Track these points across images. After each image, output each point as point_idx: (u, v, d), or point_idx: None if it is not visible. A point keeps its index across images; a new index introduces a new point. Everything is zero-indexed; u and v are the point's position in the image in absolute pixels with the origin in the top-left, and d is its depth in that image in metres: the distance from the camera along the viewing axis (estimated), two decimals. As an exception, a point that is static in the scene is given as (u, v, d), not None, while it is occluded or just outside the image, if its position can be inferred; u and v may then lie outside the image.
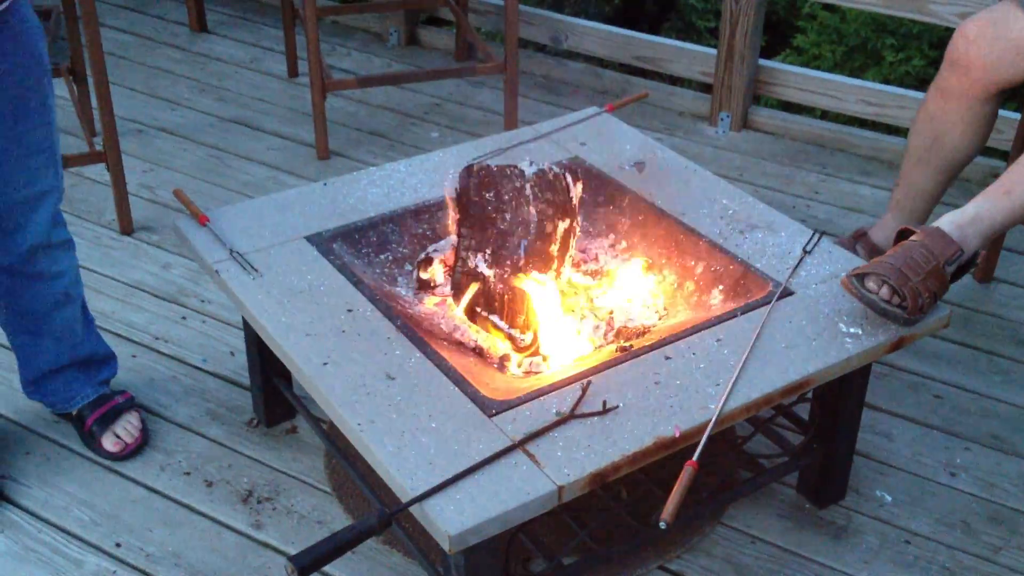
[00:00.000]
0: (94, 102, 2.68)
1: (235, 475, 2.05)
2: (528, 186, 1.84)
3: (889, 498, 2.03)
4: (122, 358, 2.31)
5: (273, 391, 2.10)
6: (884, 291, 1.69)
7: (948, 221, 1.81)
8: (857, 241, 2.43)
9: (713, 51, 3.27)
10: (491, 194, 1.84)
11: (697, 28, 5.01)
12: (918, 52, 4.38)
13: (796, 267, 1.85)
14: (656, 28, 4.80)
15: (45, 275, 1.94)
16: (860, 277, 1.71)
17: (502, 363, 1.81)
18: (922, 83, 4.19)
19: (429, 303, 1.92)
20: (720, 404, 1.56)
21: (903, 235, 1.82)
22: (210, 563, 1.87)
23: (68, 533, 1.93)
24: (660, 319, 1.91)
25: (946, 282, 1.74)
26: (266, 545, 1.91)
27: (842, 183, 3.04)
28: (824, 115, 3.54)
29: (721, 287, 1.89)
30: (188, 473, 2.05)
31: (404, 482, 1.43)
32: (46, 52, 1.82)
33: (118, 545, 1.90)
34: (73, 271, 2.01)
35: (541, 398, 1.58)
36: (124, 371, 2.27)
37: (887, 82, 3.91)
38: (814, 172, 3.09)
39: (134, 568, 1.86)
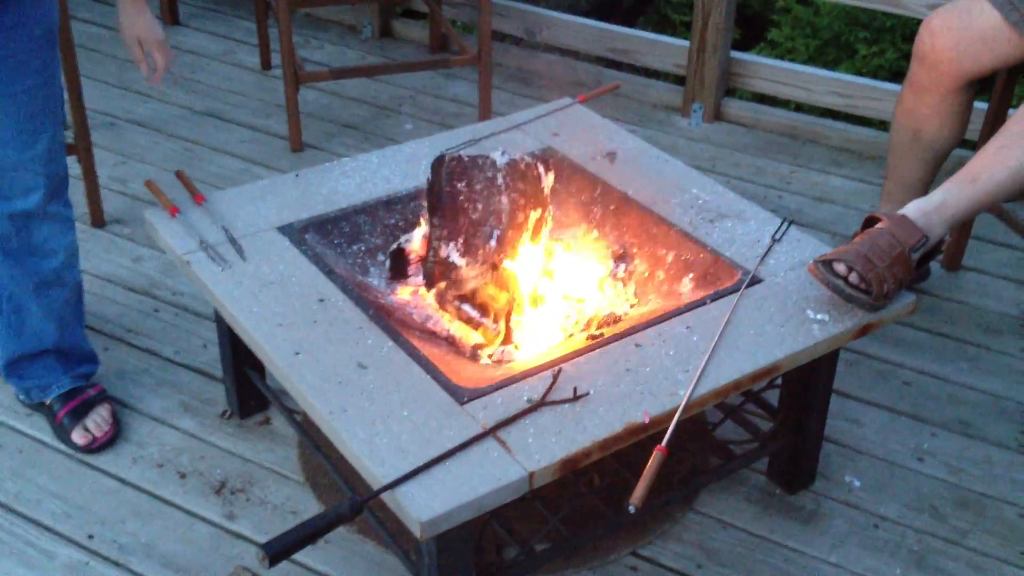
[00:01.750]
0: (64, 95, 2.67)
1: (208, 466, 2.05)
2: (500, 176, 1.85)
3: (858, 483, 2.05)
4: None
5: (246, 382, 2.10)
6: (851, 277, 1.71)
7: (914, 208, 1.84)
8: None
9: (686, 43, 3.29)
10: (463, 184, 1.85)
11: (672, 22, 5.04)
12: (891, 45, 4.43)
13: (765, 255, 1.87)
14: (631, 22, 4.82)
15: (37, 250, 1.93)
16: (827, 263, 1.73)
17: (474, 352, 1.81)
18: (895, 76, 4.23)
19: (402, 293, 1.93)
20: (689, 390, 1.57)
21: (870, 222, 1.85)
22: (183, 554, 1.87)
23: (40, 525, 1.92)
24: (631, 307, 1.92)
25: (911, 269, 1.77)
26: (239, 536, 1.91)
27: (813, 174, 3.07)
28: (798, 108, 3.56)
29: (691, 275, 1.90)
30: (161, 465, 2.05)
31: (376, 470, 1.44)
32: (57, 20, 1.84)
33: (91, 537, 1.90)
34: (68, 253, 1.99)
35: (512, 386, 1.59)
36: (96, 364, 2.27)
37: (860, 75, 3.94)
38: (786, 163, 3.12)
39: (106, 559, 1.86)
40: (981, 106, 2.48)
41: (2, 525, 1.92)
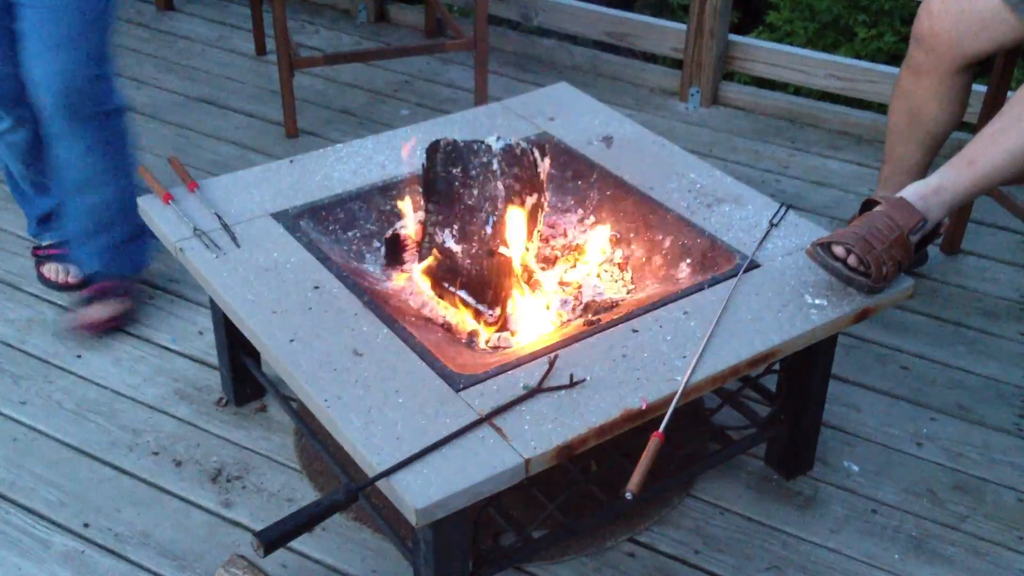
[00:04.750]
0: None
1: (204, 454, 2.04)
2: (495, 161, 1.83)
3: (856, 468, 2.04)
4: (90, 339, 2.29)
5: (242, 370, 2.09)
6: (850, 259, 1.70)
7: (912, 191, 1.82)
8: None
9: (684, 27, 3.27)
10: (458, 170, 1.84)
11: (670, 5, 5.01)
12: (890, 28, 4.40)
13: (763, 240, 1.86)
14: (629, 5, 4.79)
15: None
16: (825, 246, 1.72)
17: (470, 338, 1.80)
18: (894, 59, 4.20)
19: (397, 279, 1.91)
20: (686, 376, 1.56)
21: (868, 205, 1.83)
22: (179, 542, 1.87)
23: (36, 514, 1.91)
24: (628, 293, 1.91)
25: (910, 251, 1.75)
26: (236, 523, 1.90)
27: (811, 157, 3.05)
28: (797, 91, 3.54)
29: (688, 260, 1.89)
30: (157, 453, 2.04)
31: (371, 457, 1.43)
32: None
33: (86, 525, 1.89)
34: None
35: (509, 372, 1.58)
36: (92, 351, 2.26)
37: (859, 58, 3.91)
38: (784, 147, 3.10)
39: (102, 548, 1.85)
40: (980, 89, 2.47)
41: (-3, 514, 1.92)
